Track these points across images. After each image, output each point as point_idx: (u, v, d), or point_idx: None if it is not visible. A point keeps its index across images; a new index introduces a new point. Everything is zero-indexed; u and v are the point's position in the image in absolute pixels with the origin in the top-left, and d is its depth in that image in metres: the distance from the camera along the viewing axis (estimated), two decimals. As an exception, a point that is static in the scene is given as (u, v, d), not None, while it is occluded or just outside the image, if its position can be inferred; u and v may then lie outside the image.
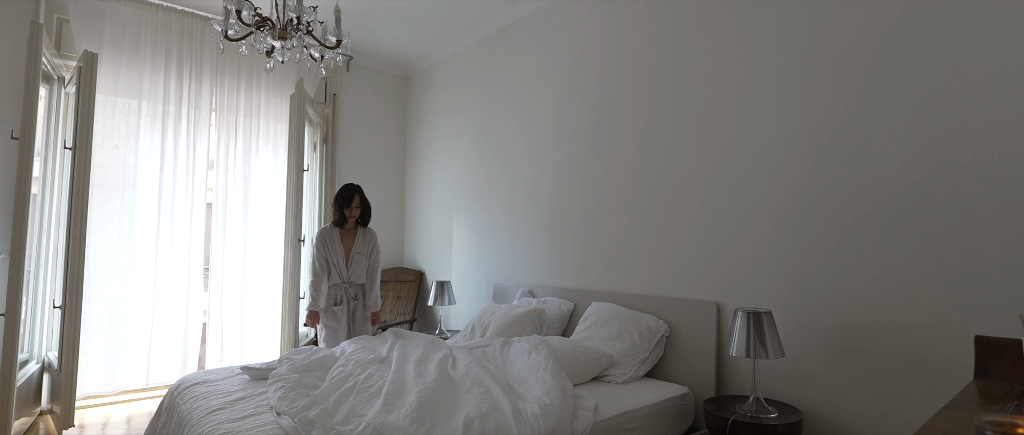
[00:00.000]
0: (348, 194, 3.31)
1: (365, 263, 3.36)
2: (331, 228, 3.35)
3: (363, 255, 3.35)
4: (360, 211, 3.34)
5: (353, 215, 3.31)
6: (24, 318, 3.10)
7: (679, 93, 2.76)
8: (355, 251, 3.33)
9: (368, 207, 3.40)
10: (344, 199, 3.31)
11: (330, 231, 3.34)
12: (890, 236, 2.01)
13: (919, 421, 1.90)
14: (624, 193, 3.01)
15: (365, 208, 3.38)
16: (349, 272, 3.30)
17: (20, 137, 2.73)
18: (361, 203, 3.35)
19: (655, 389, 2.45)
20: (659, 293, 2.80)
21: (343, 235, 3.36)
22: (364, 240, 3.38)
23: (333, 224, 3.36)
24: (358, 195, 3.34)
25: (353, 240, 3.36)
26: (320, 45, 2.62)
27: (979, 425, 0.87)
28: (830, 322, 2.17)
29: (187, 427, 1.89)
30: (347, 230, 3.37)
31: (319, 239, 3.30)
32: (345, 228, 3.36)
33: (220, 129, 4.03)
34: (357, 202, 3.32)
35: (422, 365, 2.26)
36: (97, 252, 3.50)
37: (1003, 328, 1.72)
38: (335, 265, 3.28)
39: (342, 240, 3.34)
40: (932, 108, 1.92)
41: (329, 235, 3.32)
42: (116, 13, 3.59)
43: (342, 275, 3.29)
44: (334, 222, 3.35)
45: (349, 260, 3.31)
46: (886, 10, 2.05)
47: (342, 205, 3.31)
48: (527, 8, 3.72)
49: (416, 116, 4.98)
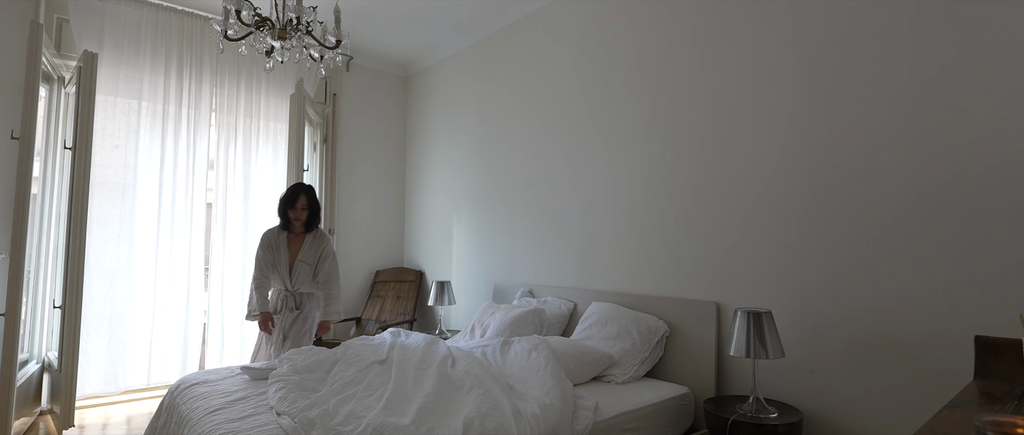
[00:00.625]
0: (292, 195, 2.99)
1: (310, 272, 3.03)
2: (278, 231, 3.05)
3: (308, 264, 3.02)
4: (307, 213, 3.02)
5: (299, 218, 3.00)
6: (24, 318, 3.10)
7: (679, 92, 2.76)
8: (300, 259, 3.01)
9: (317, 209, 3.07)
10: (288, 200, 2.99)
11: (276, 234, 3.04)
12: (890, 236, 2.01)
13: (919, 421, 1.90)
14: (624, 193, 3.01)
15: (313, 210, 3.04)
16: (292, 281, 3.01)
17: (20, 137, 2.73)
18: (308, 204, 3.02)
19: (655, 389, 2.45)
20: (659, 293, 2.80)
21: (290, 240, 3.05)
22: (311, 247, 3.04)
23: (279, 228, 3.07)
24: (305, 195, 3.01)
25: (300, 246, 3.04)
26: (320, 45, 2.62)
27: (979, 425, 0.87)
28: (830, 322, 2.17)
29: (187, 427, 1.89)
30: (295, 235, 3.06)
31: (264, 241, 3.02)
32: (293, 232, 3.06)
33: (220, 129, 4.03)
34: (303, 204, 3.00)
35: (422, 365, 2.25)
36: (97, 252, 3.50)
37: (1003, 328, 1.72)
38: (278, 271, 3.00)
39: (288, 245, 3.03)
40: (932, 108, 1.92)
41: (275, 238, 3.02)
42: (116, 13, 3.59)
43: (285, 282, 3.01)
44: (280, 226, 3.07)
45: (293, 268, 3.01)
46: (887, 10, 2.05)
47: (286, 207, 2.99)
48: (527, 8, 3.72)
49: (416, 116, 4.98)
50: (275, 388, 2.05)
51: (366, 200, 4.83)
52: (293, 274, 3.01)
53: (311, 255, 3.04)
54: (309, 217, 3.03)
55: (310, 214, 3.03)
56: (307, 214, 3.02)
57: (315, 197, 3.08)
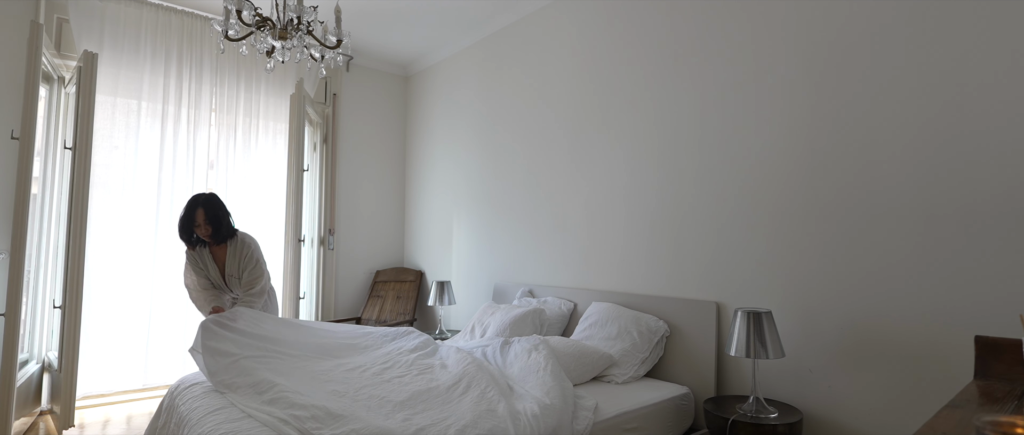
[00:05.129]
0: (189, 211, 2.65)
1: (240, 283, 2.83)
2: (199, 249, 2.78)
3: (236, 277, 2.80)
4: (212, 228, 2.67)
5: (204, 233, 2.68)
6: (24, 318, 3.10)
7: (679, 92, 2.76)
8: (228, 273, 2.81)
9: (220, 220, 2.69)
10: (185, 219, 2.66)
11: (199, 251, 2.77)
12: (890, 236, 2.01)
13: (919, 421, 1.90)
14: (624, 193, 3.01)
15: (216, 223, 2.67)
16: (231, 291, 2.88)
17: (20, 137, 2.73)
18: (207, 218, 2.65)
19: (655, 389, 2.45)
20: (659, 293, 2.80)
21: (214, 252, 2.80)
22: (234, 258, 2.78)
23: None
24: (201, 209, 2.65)
25: (224, 257, 2.81)
26: (320, 45, 2.62)
27: (979, 425, 0.87)
28: (830, 322, 2.17)
29: (187, 427, 1.89)
30: (216, 247, 2.79)
31: (190, 261, 2.78)
32: (212, 246, 2.78)
33: (220, 129, 4.03)
34: (202, 217, 2.65)
35: (419, 365, 2.25)
36: (97, 252, 3.50)
37: (1003, 328, 1.72)
38: (215, 284, 2.83)
39: (214, 259, 2.79)
40: (933, 108, 1.92)
41: (199, 255, 2.77)
42: (116, 13, 3.59)
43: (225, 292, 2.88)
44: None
45: (226, 280, 2.84)
46: (887, 10, 2.05)
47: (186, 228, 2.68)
48: (527, 8, 3.72)
49: (416, 116, 4.98)
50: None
51: (366, 200, 4.83)
52: (228, 284, 2.84)
53: (236, 266, 2.79)
54: (214, 230, 2.68)
55: (214, 227, 2.68)
56: (211, 228, 2.67)
57: (215, 206, 2.70)
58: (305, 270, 4.32)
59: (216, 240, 2.73)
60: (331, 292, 4.53)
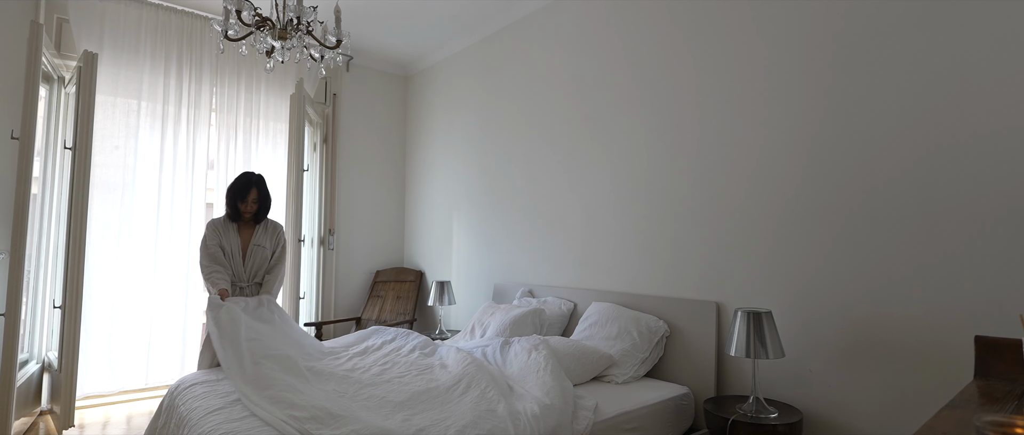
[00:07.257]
0: (243, 186, 2.77)
1: (265, 257, 2.86)
2: (226, 220, 2.84)
3: (263, 247, 2.84)
4: (257, 207, 2.82)
5: (248, 211, 2.81)
6: (24, 318, 3.10)
7: (679, 92, 2.76)
8: (254, 243, 2.82)
9: (267, 202, 2.86)
10: (238, 191, 2.76)
11: (224, 222, 2.83)
12: (890, 236, 2.01)
13: (919, 421, 1.90)
14: (624, 193, 3.01)
15: (264, 203, 2.84)
16: (246, 267, 2.82)
17: (20, 137, 2.73)
18: (259, 198, 2.81)
19: (655, 389, 2.45)
20: (659, 293, 2.80)
21: (240, 228, 2.87)
22: (265, 232, 2.88)
23: (227, 218, 2.85)
24: (255, 189, 2.79)
25: (252, 233, 2.88)
26: (320, 45, 2.61)
27: (979, 425, 0.87)
28: (830, 322, 2.17)
29: (187, 427, 1.89)
30: (244, 224, 2.88)
31: (211, 227, 2.80)
32: (241, 222, 2.87)
33: (220, 129, 4.03)
34: (254, 196, 2.79)
35: (418, 365, 2.26)
36: (97, 252, 3.50)
37: (1003, 328, 1.72)
38: (230, 257, 2.79)
39: (239, 232, 2.85)
40: (933, 108, 1.92)
41: (222, 225, 2.81)
42: (116, 13, 3.59)
43: (237, 271, 2.81)
44: (227, 216, 2.85)
45: (247, 253, 2.82)
46: (887, 10, 2.05)
47: (235, 198, 2.76)
48: (527, 8, 3.72)
49: (416, 116, 4.98)
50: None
51: (366, 200, 4.83)
52: (247, 259, 2.81)
53: (267, 239, 2.86)
54: (259, 210, 2.84)
55: (260, 207, 2.84)
56: (257, 207, 2.82)
57: (266, 189, 2.87)
58: (305, 270, 4.32)
59: (257, 219, 2.88)
60: (331, 292, 4.53)
